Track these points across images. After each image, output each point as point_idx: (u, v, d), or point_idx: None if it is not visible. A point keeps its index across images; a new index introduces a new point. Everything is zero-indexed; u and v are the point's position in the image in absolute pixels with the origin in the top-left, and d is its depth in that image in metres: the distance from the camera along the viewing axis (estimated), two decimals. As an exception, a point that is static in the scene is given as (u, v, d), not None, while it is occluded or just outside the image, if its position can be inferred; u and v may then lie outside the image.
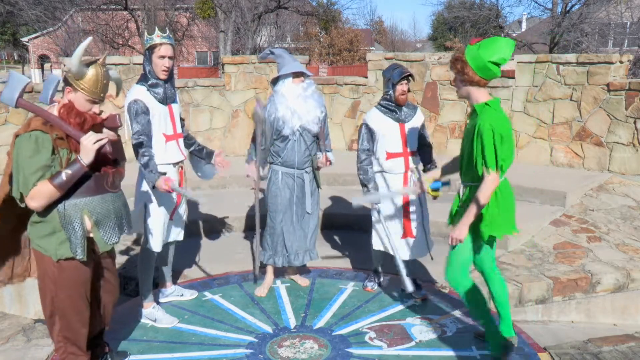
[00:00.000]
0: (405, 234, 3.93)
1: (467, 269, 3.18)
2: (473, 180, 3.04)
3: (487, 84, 2.99)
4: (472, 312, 3.28)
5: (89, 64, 2.57)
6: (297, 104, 3.78)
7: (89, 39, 2.63)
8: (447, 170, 3.46)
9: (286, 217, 3.98)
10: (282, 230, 4.00)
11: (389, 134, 3.86)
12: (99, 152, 2.52)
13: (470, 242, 3.13)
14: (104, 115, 2.69)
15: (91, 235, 2.66)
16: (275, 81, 3.90)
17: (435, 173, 3.52)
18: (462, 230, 3.02)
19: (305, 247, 4.09)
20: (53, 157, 2.49)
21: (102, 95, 2.62)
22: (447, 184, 3.50)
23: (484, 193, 2.91)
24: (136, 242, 5.00)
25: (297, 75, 3.79)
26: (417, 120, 3.95)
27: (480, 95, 2.99)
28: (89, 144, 2.48)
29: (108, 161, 2.67)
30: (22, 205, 2.53)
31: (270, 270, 4.20)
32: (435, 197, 3.52)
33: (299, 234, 4.03)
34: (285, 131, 3.82)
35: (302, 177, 3.97)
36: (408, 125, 3.90)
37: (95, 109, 2.62)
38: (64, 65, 2.70)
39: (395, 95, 3.81)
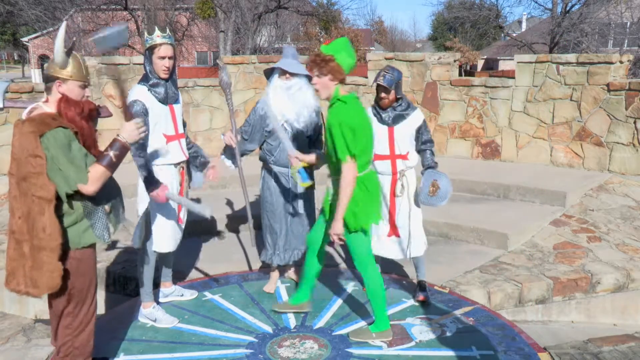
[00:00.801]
0: (391, 232, 3.96)
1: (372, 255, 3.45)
2: (335, 174, 3.26)
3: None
4: (368, 294, 3.47)
5: (67, 53, 2.61)
6: (278, 101, 3.77)
7: (64, 24, 2.63)
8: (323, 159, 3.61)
9: (282, 216, 3.99)
10: (280, 230, 4.01)
11: (377, 136, 3.86)
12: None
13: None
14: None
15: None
16: (267, 75, 3.95)
17: (310, 158, 3.61)
18: (337, 226, 3.20)
19: (297, 245, 4.08)
20: (82, 146, 2.59)
21: (88, 78, 2.70)
22: (310, 174, 3.82)
23: (344, 183, 3.13)
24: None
25: (283, 71, 3.77)
26: (411, 123, 3.86)
27: (342, 91, 3.16)
28: (135, 130, 2.67)
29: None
30: (64, 199, 2.56)
31: (273, 268, 4.23)
32: (306, 187, 3.87)
33: (297, 233, 4.03)
34: (269, 127, 3.85)
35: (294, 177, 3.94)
36: (398, 128, 3.83)
37: (87, 92, 2.69)
38: (45, 65, 2.70)
39: (377, 99, 3.86)
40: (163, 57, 3.43)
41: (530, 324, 4.21)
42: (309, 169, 3.95)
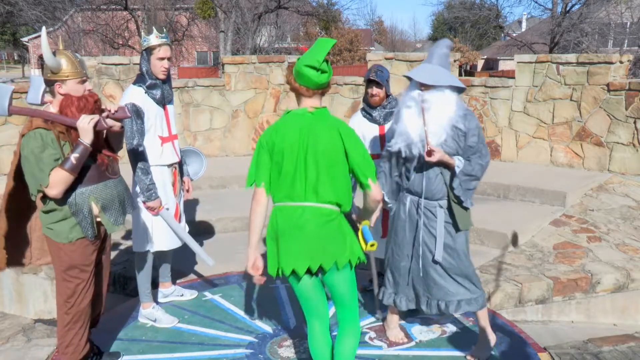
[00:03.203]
0: (383, 234, 3.92)
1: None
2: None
3: (312, 92, 2.50)
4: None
5: (54, 55, 2.69)
6: (411, 117, 3.05)
7: (44, 29, 2.70)
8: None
9: (409, 253, 3.24)
10: (407, 269, 3.26)
11: (368, 136, 3.85)
12: (95, 129, 2.67)
13: None
14: (114, 108, 2.79)
15: (98, 219, 2.84)
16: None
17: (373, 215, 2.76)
18: (248, 256, 2.63)
19: (437, 296, 3.21)
20: (58, 151, 2.65)
21: (84, 72, 2.76)
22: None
23: (251, 209, 2.58)
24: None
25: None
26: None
27: (306, 104, 2.53)
28: (85, 124, 2.64)
29: (107, 142, 2.87)
30: (33, 199, 2.72)
31: (392, 309, 3.54)
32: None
33: (430, 279, 3.20)
34: (412, 149, 3.06)
35: (433, 211, 3.14)
36: (388, 126, 3.73)
37: (88, 86, 2.77)
38: (42, 69, 2.79)
39: (367, 97, 3.82)
40: (162, 58, 3.41)
41: (530, 324, 4.21)
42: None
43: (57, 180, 2.61)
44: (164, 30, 3.46)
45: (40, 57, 31.43)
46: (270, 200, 2.59)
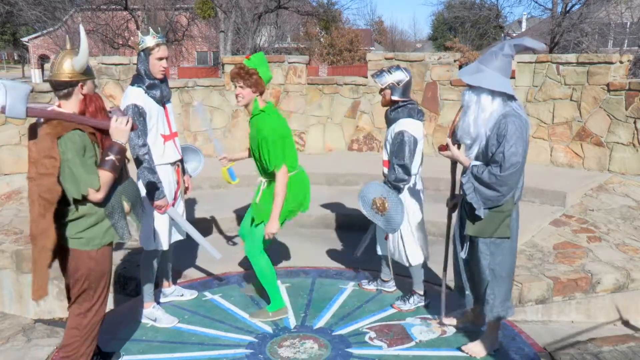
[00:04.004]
0: (386, 235, 3.92)
1: (263, 247, 3.69)
2: (270, 177, 3.56)
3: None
4: (261, 281, 3.75)
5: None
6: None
7: (82, 28, 2.68)
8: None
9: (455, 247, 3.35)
10: (454, 260, 3.41)
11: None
12: (132, 130, 2.68)
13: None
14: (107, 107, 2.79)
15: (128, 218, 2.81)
16: None
17: (239, 155, 3.98)
18: (272, 225, 3.51)
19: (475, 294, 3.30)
20: (94, 152, 2.60)
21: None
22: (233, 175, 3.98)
23: (279, 188, 3.45)
24: (137, 242, 4.99)
25: None
26: (393, 128, 3.65)
27: (261, 102, 3.45)
28: (122, 126, 2.63)
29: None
30: (72, 203, 2.56)
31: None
32: (229, 182, 4.00)
33: (468, 276, 3.30)
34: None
35: (465, 207, 3.16)
36: (387, 134, 3.74)
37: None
38: (53, 72, 2.72)
39: None
40: (161, 58, 3.42)
41: (530, 324, 4.21)
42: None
43: (106, 182, 2.57)
44: (159, 30, 3.48)
45: (41, 57, 31.47)
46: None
